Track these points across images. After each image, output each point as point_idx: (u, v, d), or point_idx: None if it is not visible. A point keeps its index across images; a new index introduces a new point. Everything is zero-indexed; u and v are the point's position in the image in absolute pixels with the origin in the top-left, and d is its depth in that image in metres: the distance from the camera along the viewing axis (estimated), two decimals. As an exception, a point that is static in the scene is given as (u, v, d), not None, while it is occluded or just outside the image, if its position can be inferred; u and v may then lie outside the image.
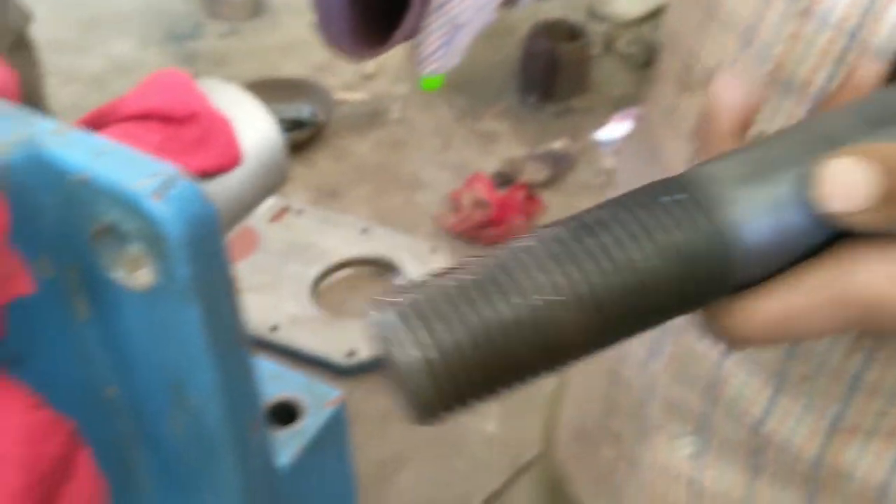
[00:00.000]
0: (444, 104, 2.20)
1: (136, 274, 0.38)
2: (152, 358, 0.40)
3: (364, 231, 1.73)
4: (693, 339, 0.35)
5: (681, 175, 0.22)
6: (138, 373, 0.42)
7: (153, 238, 0.35)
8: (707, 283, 0.21)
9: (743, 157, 0.21)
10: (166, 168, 0.35)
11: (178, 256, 0.35)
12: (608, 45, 2.44)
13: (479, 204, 1.75)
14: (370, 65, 2.34)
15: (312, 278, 1.64)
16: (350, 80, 2.30)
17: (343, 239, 1.72)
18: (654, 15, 2.46)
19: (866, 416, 0.32)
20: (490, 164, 1.96)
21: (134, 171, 0.35)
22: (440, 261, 1.64)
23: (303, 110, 2.03)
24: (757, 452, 0.36)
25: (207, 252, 0.36)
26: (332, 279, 1.67)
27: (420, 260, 1.65)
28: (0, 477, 0.33)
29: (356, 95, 2.23)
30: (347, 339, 1.51)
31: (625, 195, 0.22)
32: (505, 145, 2.05)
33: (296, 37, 2.53)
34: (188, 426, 0.42)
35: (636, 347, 0.40)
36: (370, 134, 2.09)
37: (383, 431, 1.40)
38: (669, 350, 0.37)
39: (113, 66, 2.28)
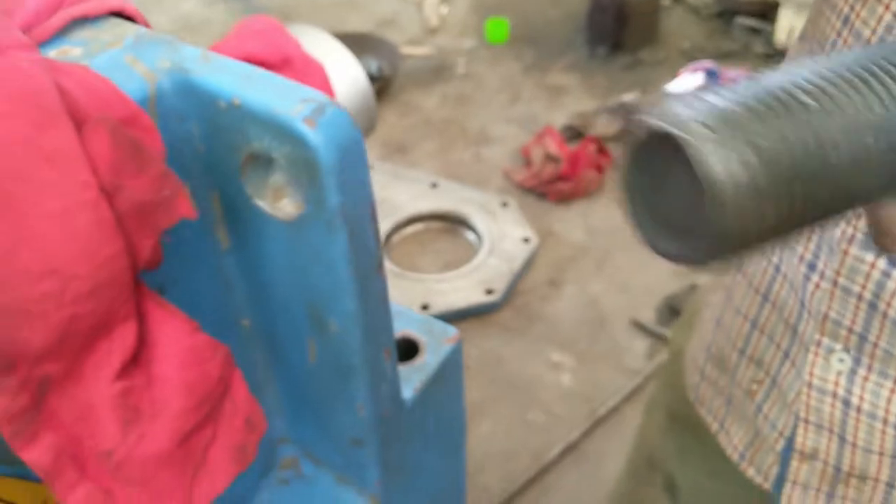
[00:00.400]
0: (510, 58, 2.17)
1: (280, 203, 0.39)
2: (292, 286, 0.41)
3: (434, 186, 1.73)
4: (860, 250, 0.34)
5: None
6: (276, 301, 0.43)
7: (305, 164, 0.35)
8: None
9: None
10: (317, 94, 0.35)
11: (329, 184, 0.35)
12: (677, -5, 2.36)
13: (550, 158, 1.73)
14: (434, 19, 2.32)
15: (384, 233, 1.65)
16: (414, 34, 2.28)
17: (413, 194, 1.72)
18: (728, -38, 2.37)
19: None
20: (559, 117, 1.93)
21: (285, 96, 0.35)
22: (511, 216, 1.63)
23: (369, 65, 2.03)
24: None
25: (356, 179, 0.36)
26: (404, 233, 1.68)
27: (491, 214, 1.64)
28: (166, 399, 0.34)
29: (421, 50, 2.21)
30: (420, 293, 1.52)
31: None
32: (574, 99, 2.01)
33: (359, -8, 2.52)
34: (325, 353, 0.43)
35: (795, 265, 0.40)
36: (436, 89, 2.08)
37: (458, 383, 1.41)
38: (833, 265, 0.36)
39: (181, 24, 2.30)
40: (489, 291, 1.49)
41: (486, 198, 1.68)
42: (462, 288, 1.51)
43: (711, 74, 2.02)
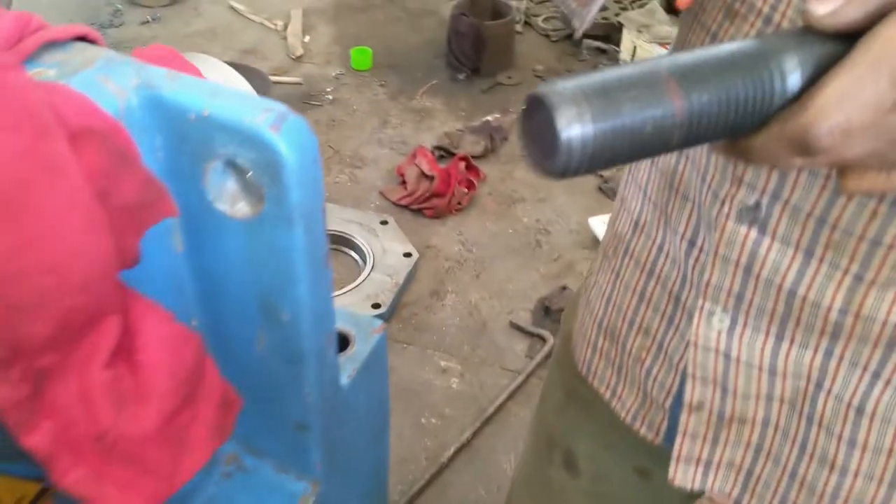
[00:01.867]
0: (376, 85, 2.25)
1: (237, 206, 0.43)
2: (245, 282, 0.45)
3: (312, 208, 1.76)
4: (735, 223, 0.42)
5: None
6: (227, 298, 0.46)
7: (269, 167, 0.39)
8: (769, 93, 0.30)
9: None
10: (276, 105, 0.40)
11: (291, 184, 0.39)
12: (527, 22, 2.53)
13: (423, 176, 1.81)
14: (298, 48, 2.35)
15: (266, 256, 1.66)
16: (279, 64, 2.31)
17: (291, 217, 1.74)
18: (571, -8, 2.56)
19: (884, 269, 0.39)
20: (427, 138, 2.02)
21: (250, 107, 0.39)
22: (391, 233, 1.70)
23: (237, 93, 2.03)
24: (784, 318, 0.43)
25: (312, 179, 0.41)
26: (285, 256, 1.70)
27: (372, 233, 1.69)
28: (151, 383, 0.38)
29: (289, 78, 2.24)
30: (307, 313, 1.54)
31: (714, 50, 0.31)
32: (439, 121, 2.11)
33: (219, 22, 2.51)
34: (274, 342, 0.47)
35: (678, 242, 0.48)
36: (307, 114, 2.11)
37: (351, 397, 1.45)
38: (712, 239, 0.44)
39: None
40: (376, 305, 1.54)
41: (366, 217, 1.74)
42: (350, 304, 1.55)
43: (564, 95, 2.18)
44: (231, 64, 2.16)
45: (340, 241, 1.70)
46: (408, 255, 1.65)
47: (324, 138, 2.03)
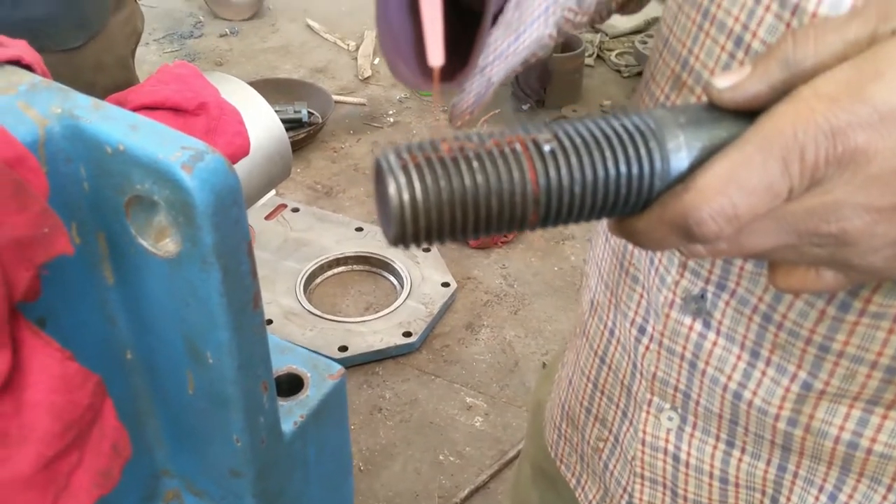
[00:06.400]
0: (438, 110, 2.24)
1: (161, 242, 0.42)
2: (172, 320, 0.43)
3: (359, 230, 1.76)
4: (679, 314, 0.38)
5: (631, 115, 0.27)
6: (157, 334, 0.45)
7: (182, 207, 0.38)
8: (648, 174, 0.27)
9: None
10: (196, 143, 0.38)
11: (204, 225, 0.38)
12: (600, 56, 2.48)
13: (471, 206, 1.78)
14: (367, 69, 2.38)
15: (307, 275, 1.66)
16: (346, 84, 2.34)
17: (338, 237, 1.75)
18: (646, 27, 2.51)
19: (834, 379, 0.35)
20: (483, 168, 2.00)
21: (166, 144, 0.38)
22: (432, 261, 1.68)
23: (300, 111, 2.07)
24: (732, 423, 0.39)
25: (230, 221, 0.39)
26: (326, 276, 1.70)
27: (413, 259, 1.68)
28: (34, 422, 0.36)
29: (353, 99, 2.26)
30: (339, 335, 1.54)
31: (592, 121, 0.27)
32: (498, 150, 2.08)
33: (294, 39, 2.57)
34: (202, 384, 0.45)
35: (628, 327, 0.44)
36: (366, 136, 2.12)
37: (373, 424, 1.43)
38: (658, 328, 0.41)
39: (113, 63, 2.30)
40: (407, 334, 1.52)
41: (409, 243, 1.72)
42: (381, 330, 1.54)
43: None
44: (295, 82, 2.19)
45: (380, 265, 1.69)
46: (446, 284, 1.63)
47: (379, 161, 2.03)
